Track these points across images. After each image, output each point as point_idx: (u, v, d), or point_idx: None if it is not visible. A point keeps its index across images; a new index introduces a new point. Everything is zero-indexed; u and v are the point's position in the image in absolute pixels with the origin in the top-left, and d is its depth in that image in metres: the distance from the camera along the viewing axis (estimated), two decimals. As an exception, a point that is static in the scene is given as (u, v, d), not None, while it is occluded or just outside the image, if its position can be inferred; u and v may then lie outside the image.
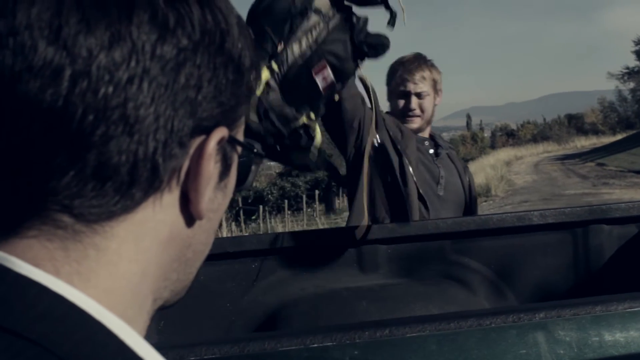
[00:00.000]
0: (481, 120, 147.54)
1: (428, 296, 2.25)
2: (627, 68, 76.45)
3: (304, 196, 29.94)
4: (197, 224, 0.67)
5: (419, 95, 3.17)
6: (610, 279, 2.36)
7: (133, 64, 0.57)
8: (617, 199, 16.99)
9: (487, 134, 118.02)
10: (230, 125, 0.66)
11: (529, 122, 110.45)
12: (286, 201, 30.50)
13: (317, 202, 29.37)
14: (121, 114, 0.56)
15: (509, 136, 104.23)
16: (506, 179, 28.45)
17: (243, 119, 0.69)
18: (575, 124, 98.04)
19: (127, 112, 0.57)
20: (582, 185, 23.21)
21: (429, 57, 3.30)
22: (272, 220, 26.40)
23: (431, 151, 3.21)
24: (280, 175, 42.36)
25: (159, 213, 0.62)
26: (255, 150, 0.73)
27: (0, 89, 0.56)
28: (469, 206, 3.27)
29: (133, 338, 0.59)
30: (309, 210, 28.88)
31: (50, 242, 0.58)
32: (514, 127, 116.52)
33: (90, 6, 0.56)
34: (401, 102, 3.18)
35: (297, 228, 22.61)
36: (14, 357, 0.52)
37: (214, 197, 0.67)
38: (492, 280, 2.35)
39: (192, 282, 0.72)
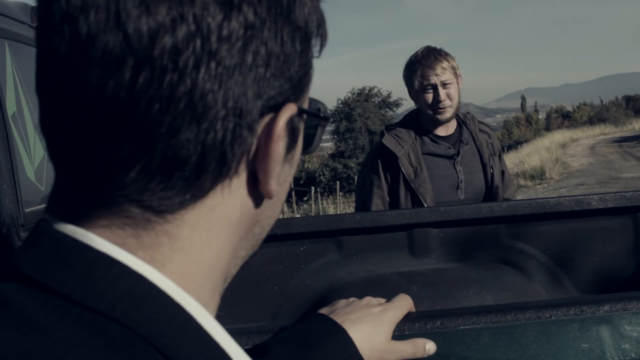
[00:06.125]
0: (536, 102, 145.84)
1: (482, 282, 2.18)
2: (689, 48, 74.65)
3: (356, 178, 29.96)
4: (266, 200, 0.65)
5: (444, 85, 3.28)
6: (673, 267, 2.26)
7: (198, 47, 0.53)
8: (677, 182, 16.61)
9: (541, 115, 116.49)
10: (299, 97, 0.63)
11: (585, 104, 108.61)
12: (338, 182, 30.48)
13: (368, 184, 29.40)
14: (188, 102, 0.53)
15: (565, 118, 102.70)
16: (561, 161, 28.03)
17: (310, 85, 0.66)
18: (633, 105, 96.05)
19: (194, 100, 0.53)
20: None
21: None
22: (324, 201, 26.46)
23: (451, 152, 3.32)
24: (332, 156, 42.52)
25: (228, 197, 0.60)
26: (321, 115, 0.70)
27: (58, 79, 0.54)
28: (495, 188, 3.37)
29: (209, 322, 0.59)
30: (360, 191, 28.87)
31: (122, 230, 0.56)
32: (569, 108, 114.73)
33: None
34: (429, 96, 3.30)
35: (349, 210, 22.62)
36: (96, 335, 0.51)
37: (281, 171, 0.64)
38: (548, 267, 2.27)
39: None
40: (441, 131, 3.36)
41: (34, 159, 1.83)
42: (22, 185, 1.75)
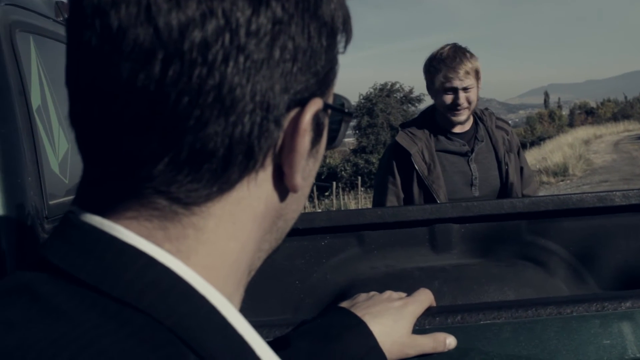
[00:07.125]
0: (559, 98, 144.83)
1: (503, 277, 2.17)
2: None
3: (377, 173, 29.89)
4: (290, 194, 0.66)
5: (465, 90, 3.26)
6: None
7: (227, 42, 0.54)
8: (702, 180, 16.44)
9: (565, 112, 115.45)
10: (324, 92, 0.64)
11: (609, 100, 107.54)
12: (359, 178, 30.47)
13: (390, 179, 29.37)
14: (216, 96, 0.54)
15: (588, 114, 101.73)
16: (584, 158, 27.76)
17: (335, 81, 0.67)
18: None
19: (222, 93, 0.54)
20: (664, 166, 22.51)
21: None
22: (345, 196, 26.44)
23: (465, 149, 3.31)
24: (354, 151, 42.44)
25: (254, 190, 0.61)
26: (346, 110, 0.71)
27: (88, 72, 0.55)
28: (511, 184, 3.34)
29: (233, 314, 0.60)
30: (381, 187, 28.77)
31: (149, 222, 0.57)
32: (593, 105, 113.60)
33: None
34: (449, 98, 3.29)
35: (370, 205, 22.57)
36: (122, 325, 0.52)
37: (306, 166, 0.65)
38: (570, 263, 2.25)
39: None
40: (456, 128, 3.36)
41: (58, 152, 1.85)
42: (46, 178, 1.77)
